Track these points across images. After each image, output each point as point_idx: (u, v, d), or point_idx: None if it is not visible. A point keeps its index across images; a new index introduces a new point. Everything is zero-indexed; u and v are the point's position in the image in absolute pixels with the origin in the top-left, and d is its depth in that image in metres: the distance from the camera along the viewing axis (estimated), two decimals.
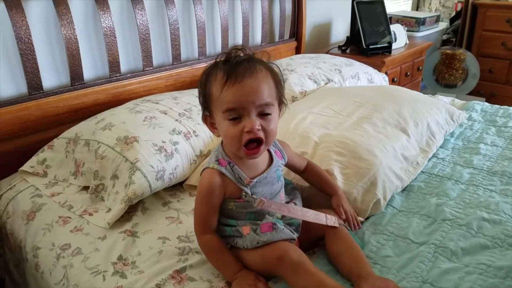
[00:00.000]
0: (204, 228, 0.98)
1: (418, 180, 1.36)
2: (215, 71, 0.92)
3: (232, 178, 0.96)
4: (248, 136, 0.89)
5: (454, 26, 3.97)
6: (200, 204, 0.98)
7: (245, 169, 0.97)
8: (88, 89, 1.59)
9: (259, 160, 1.00)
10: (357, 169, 1.20)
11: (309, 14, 2.63)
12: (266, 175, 1.00)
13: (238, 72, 0.88)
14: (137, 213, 1.19)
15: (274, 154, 1.05)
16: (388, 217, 1.18)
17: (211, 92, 0.92)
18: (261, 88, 0.89)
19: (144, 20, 1.71)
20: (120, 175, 1.19)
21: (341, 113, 1.49)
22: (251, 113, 0.88)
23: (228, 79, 0.88)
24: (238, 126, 0.89)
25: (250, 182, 0.97)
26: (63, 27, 1.47)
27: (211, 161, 0.99)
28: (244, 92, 0.87)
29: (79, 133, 1.34)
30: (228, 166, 0.97)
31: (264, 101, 0.89)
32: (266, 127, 0.90)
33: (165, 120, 1.35)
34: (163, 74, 1.84)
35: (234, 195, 0.98)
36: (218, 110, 0.92)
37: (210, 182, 0.95)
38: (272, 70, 0.95)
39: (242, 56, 0.92)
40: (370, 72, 2.19)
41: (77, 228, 1.14)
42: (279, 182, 1.05)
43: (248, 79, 0.88)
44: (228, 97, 0.88)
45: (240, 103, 0.88)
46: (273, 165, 1.02)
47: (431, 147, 1.47)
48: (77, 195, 1.26)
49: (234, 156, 0.98)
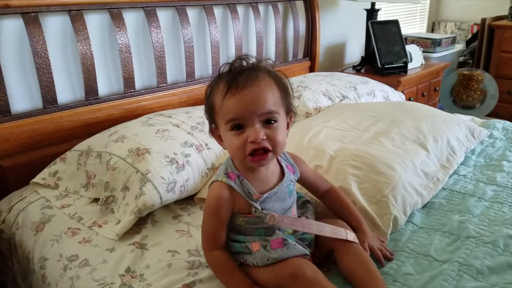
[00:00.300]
0: (213, 244, 0.94)
1: (439, 196, 1.31)
2: (218, 82, 0.90)
3: (241, 193, 0.92)
4: (252, 146, 0.86)
5: (470, 48, 3.94)
6: (208, 218, 0.94)
7: (255, 183, 0.94)
8: (103, 104, 1.60)
9: (270, 175, 0.97)
10: (375, 183, 1.15)
11: (323, 34, 2.63)
12: (277, 190, 0.96)
13: (239, 81, 0.85)
14: (146, 226, 1.16)
15: (286, 169, 1.01)
16: (408, 234, 1.13)
17: (214, 103, 0.90)
18: (262, 96, 0.86)
19: (159, 38, 1.72)
20: (131, 186, 1.17)
21: (357, 128, 1.46)
22: (254, 123, 0.85)
23: (229, 90, 0.86)
24: (242, 137, 0.86)
25: (260, 197, 0.93)
26: (79, 43, 1.49)
27: (220, 174, 0.96)
28: (244, 102, 0.85)
29: (91, 146, 1.33)
30: (238, 179, 0.93)
31: (267, 109, 0.86)
32: (272, 136, 0.87)
33: (177, 132, 1.34)
34: (177, 91, 1.84)
35: (243, 210, 0.94)
36: (221, 121, 0.89)
37: (218, 195, 0.92)
38: (276, 78, 0.91)
39: (245, 66, 0.89)
40: (386, 90, 2.16)
41: (85, 240, 1.11)
42: (290, 198, 1.00)
43: (249, 88, 0.85)
44: (229, 107, 0.86)
45: (241, 113, 0.85)
46: (285, 180, 0.98)
47: (451, 163, 1.42)
48: (87, 207, 1.24)
49: (243, 169, 0.94)
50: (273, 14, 2.24)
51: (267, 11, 2.25)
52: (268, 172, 0.96)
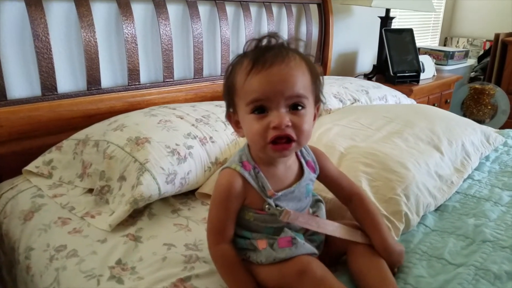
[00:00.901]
0: (220, 236, 0.84)
1: (453, 200, 1.24)
2: (241, 60, 0.80)
3: (255, 186, 0.83)
4: (274, 133, 0.76)
5: (482, 64, 3.88)
6: (216, 208, 0.84)
7: (270, 179, 0.85)
8: (105, 95, 1.54)
9: (288, 171, 0.88)
10: (387, 181, 1.08)
11: (335, 41, 2.57)
12: (293, 189, 0.87)
13: (267, 58, 0.75)
14: (142, 218, 1.08)
15: (306, 166, 0.91)
16: (421, 236, 1.06)
17: (235, 82, 0.80)
18: (292, 76, 0.76)
19: (168, 31, 1.67)
20: (128, 176, 1.10)
21: (369, 127, 1.39)
22: (279, 106, 0.76)
23: (255, 66, 0.76)
24: (264, 121, 0.76)
25: (274, 195, 0.84)
26: (83, 29, 1.44)
27: (233, 161, 0.86)
28: (271, 80, 0.75)
29: (89, 134, 1.27)
30: (253, 171, 0.84)
31: (296, 92, 0.76)
32: (297, 123, 0.77)
33: (180, 124, 1.27)
34: (183, 87, 1.78)
35: (255, 205, 0.85)
36: (242, 102, 0.79)
37: (229, 184, 0.82)
38: (308, 61, 0.81)
39: (274, 44, 0.80)
40: (398, 96, 2.10)
41: (75, 230, 1.04)
42: (307, 198, 0.91)
43: (278, 66, 0.75)
44: (253, 86, 0.76)
45: (266, 93, 0.75)
46: (304, 179, 0.89)
47: (466, 167, 1.34)
48: (81, 197, 1.17)
49: (261, 161, 0.85)
50: (286, 16, 2.19)
51: (280, 12, 2.20)
52: (286, 168, 0.87)
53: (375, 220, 0.92)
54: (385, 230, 0.92)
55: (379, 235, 0.90)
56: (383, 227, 0.92)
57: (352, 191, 0.96)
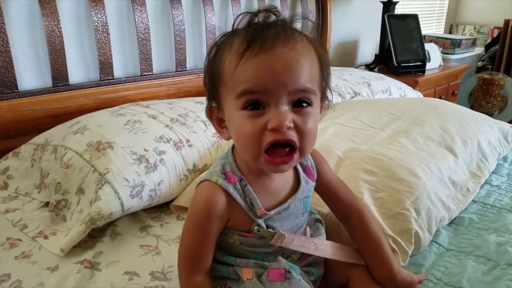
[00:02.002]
0: (193, 266, 0.68)
1: (469, 211, 1.08)
2: (231, 39, 0.62)
3: (241, 203, 0.67)
4: (272, 136, 0.58)
5: (490, 53, 3.70)
6: (192, 231, 0.68)
7: (261, 193, 0.68)
8: (73, 92, 1.37)
9: (282, 183, 0.71)
10: (393, 192, 0.91)
11: (334, 29, 2.40)
12: (288, 205, 0.70)
13: (266, 36, 0.57)
14: (103, 239, 0.92)
15: (303, 175, 0.74)
16: (433, 257, 0.90)
17: (222, 67, 0.61)
18: (299, 64, 0.58)
19: (144, 18, 1.49)
20: (87, 189, 0.94)
21: (372, 126, 1.22)
22: (280, 101, 0.58)
23: (250, 47, 0.57)
24: (259, 121, 0.58)
25: (265, 215, 0.68)
26: (45, 17, 1.26)
27: (214, 171, 0.69)
28: (272, 67, 0.57)
29: (49, 138, 1.10)
30: (239, 184, 0.67)
31: (303, 85, 0.59)
32: (301, 125, 0.59)
33: (152, 125, 1.10)
34: (164, 81, 1.61)
35: (241, 226, 0.69)
36: (230, 95, 0.61)
37: (209, 201, 0.66)
38: (318, 46, 0.64)
39: (274, 20, 0.61)
40: (403, 88, 1.92)
41: (24, 255, 0.87)
42: (304, 215, 0.75)
43: (281, 48, 0.57)
44: (247, 73, 0.57)
45: (264, 83, 0.57)
46: (300, 191, 0.72)
47: (482, 171, 1.18)
48: (37, 213, 1.01)
49: (249, 171, 0.68)
50: (279, 2, 2.00)
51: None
52: (280, 179, 0.71)
53: (377, 245, 0.76)
54: (389, 257, 0.75)
55: (381, 264, 0.74)
56: (388, 256, 0.75)
57: (351, 205, 0.80)
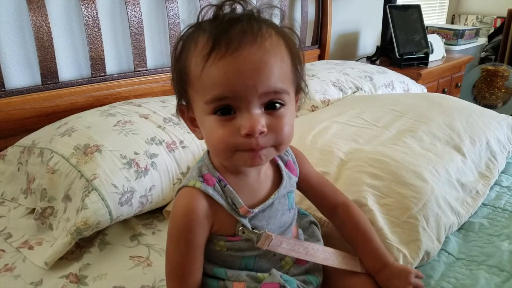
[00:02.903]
0: (183, 283, 0.63)
1: (479, 215, 1.02)
2: (196, 34, 0.58)
3: (223, 204, 0.63)
4: (246, 142, 0.56)
5: (493, 43, 3.62)
6: (175, 243, 0.64)
7: (241, 191, 0.65)
8: (64, 90, 1.31)
9: (262, 179, 0.68)
10: (400, 198, 0.85)
11: (334, 20, 2.33)
12: (272, 201, 0.67)
13: (232, 36, 0.54)
14: (92, 249, 0.87)
15: (284, 169, 0.71)
16: (443, 267, 0.84)
17: (189, 68, 0.58)
18: (269, 64, 0.55)
19: (137, 11, 1.43)
20: (73, 196, 0.88)
21: (375, 124, 1.16)
22: (251, 105, 0.55)
23: (215, 48, 0.54)
24: (230, 125, 0.56)
25: (248, 213, 0.64)
26: (32, 12, 1.20)
27: (191, 176, 0.66)
28: (240, 70, 0.54)
29: (36, 140, 1.05)
30: (218, 185, 0.64)
31: (273, 86, 0.56)
32: (276, 127, 0.57)
33: (143, 125, 1.04)
34: (159, 77, 1.54)
35: (226, 230, 0.65)
36: (199, 98, 0.58)
37: (189, 209, 0.62)
38: (287, 37, 0.60)
39: (240, 13, 0.58)
40: (406, 82, 1.86)
41: (7, 267, 0.82)
42: (290, 211, 0.71)
43: (249, 48, 0.54)
44: (214, 77, 0.54)
45: (233, 88, 0.54)
46: (283, 186, 0.69)
47: (492, 171, 1.12)
48: (23, 220, 0.96)
49: (226, 170, 0.65)
50: None
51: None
52: (259, 175, 0.68)
53: (367, 235, 0.74)
54: (381, 247, 0.74)
55: (372, 254, 0.73)
56: (378, 244, 0.74)
57: (336, 199, 0.78)
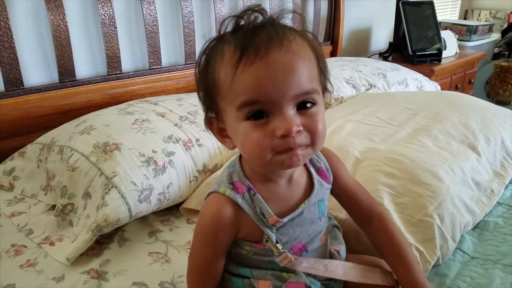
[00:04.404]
0: (203, 281, 0.66)
1: (494, 214, 1.02)
2: (220, 47, 0.58)
3: (251, 214, 0.63)
4: (283, 145, 0.55)
5: (507, 38, 3.58)
6: (200, 243, 0.66)
7: (271, 200, 0.64)
8: (80, 88, 1.33)
9: (294, 186, 0.67)
10: (416, 197, 0.86)
11: (347, 17, 2.32)
12: (301, 210, 0.66)
13: (259, 42, 0.54)
14: (111, 246, 0.89)
15: (316, 176, 0.69)
16: (458, 266, 0.85)
17: (217, 78, 0.58)
18: (298, 65, 0.55)
19: (152, 10, 1.44)
20: (93, 193, 0.90)
21: (390, 122, 1.16)
22: (284, 107, 0.54)
23: (244, 54, 0.54)
24: (265, 129, 0.55)
25: (278, 223, 0.64)
26: (50, 12, 1.22)
27: (222, 182, 0.66)
28: (271, 74, 0.53)
29: (55, 138, 1.06)
30: (247, 194, 0.64)
31: (304, 88, 0.55)
32: (310, 126, 0.56)
33: (160, 124, 1.06)
34: (173, 75, 1.56)
35: (252, 237, 0.65)
36: (230, 106, 0.57)
37: (217, 215, 0.63)
38: (310, 40, 0.59)
39: (262, 20, 0.58)
40: (420, 79, 1.85)
41: (29, 263, 0.84)
42: (321, 219, 0.70)
43: (277, 51, 0.54)
44: (245, 83, 0.54)
45: (264, 93, 0.54)
46: (314, 195, 0.67)
47: (507, 170, 1.12)
48: (43, 217, 0.98)
49: (257, 177, 0.65)
50: None
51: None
52: (290, 183, 0.66)
53: (401, 249, 0.71)
54: (414, 263, 0.71)
55: (407, 269, 0.69)
56: (412, 259, 0.71)
57: (372, 209, 0.75)
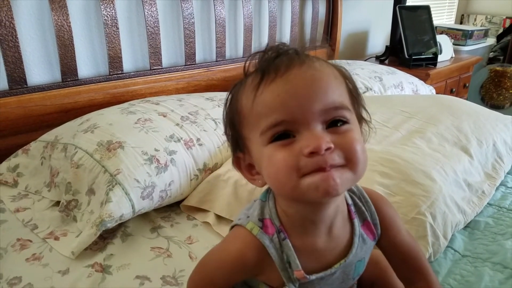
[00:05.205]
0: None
1: (485, 214, 1.05)
2: (244, 81, 0.55)
3: (276, 260, 0.56)
4: (313, 162, 0.47)
5: (502, 43, 3.63)
6: (213, 271, 0.61)
7: (302, 252, 0.57)
8: (82, 87, 1.35)
9: (334, 241, 0.58)
10: (409, 196, 0.89)
11: (344, 20, 2.35)
12: (335, 271, 0.58)
13: (279, 63, 0.51)
14: (114, 240, 0.91)
15: (359, 230, 0.60)
16: (449, 264, 0.88)
17: (240, 107, 0.54)
18: (322, 80, 0.50)
19: (154, 11, 1.47)
20: (97, 190, 0.92)
21: (385, 125, 1.19)
22: (311, 125, 0.49)
23: (265, 75, 0.51)
24: (291, 148, 0.49)
25: (304, 279, 0.57)
26: (54, 12, 1.24)
27: (252, 215, 0.59)
28: (292, 89, 0.49)
29: (59, 136, 1.09)
30: (276, 236, 0.56)
31: (330, 101, 0.50)
32: (344, 143, 0.49)
33: (162, 123, 1.09)
34: (173, 75, 1.59)
35: (272, 283, 0.59)
36: (254, 133, 0.52)
37: (240, 256, 0.57)
38: (338, 67, 0.56)
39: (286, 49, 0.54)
40: (415, 83, 1.89)
41: (35, 257, 0.87)
42: (355, 279, 0.64)
43: (298, 68, 0.50)
44: (266, 102, 0.50)
45: (287, 110, 0.49)
46: (353, 254, 0.59)
47: (498, 172, 1.16)
48: (47, 212, 1.00)
49: (291, 223, 0.57)
50: None
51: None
52: (331, 236, 0.58)
53: None
54: None
55: None
56: None
57: (420, 274, 0.66)
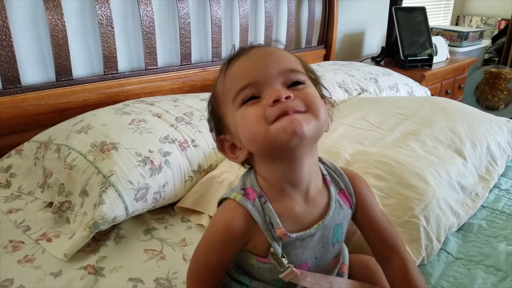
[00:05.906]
0: (202, 281, 0.66)
1: (478, 217, 1.05)
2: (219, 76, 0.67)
3: (260, 222, 0.61)
4: (276, 110, 0.55)
5: (497, 45, 3.65)
6: (206, 250, 0.65)
7: (283, 214, 0.62)
8: (77, 87, 1.35)
9: (312, 206, 0.64)
10: (403, 199, 0.89)
11: (340, 20, 2.35)
12: (314, 232, 0.63)
13: (244, 48, 0.64)
14: (107, 242, 0.91)
15: (335, 197, 0.66)
16: (442, 267, 0.88)
17: (217, 91, 0.65)
18: (278, 51, 0.63)
19: (149, 11, 1.46)
20: (90, 191, 0.92)
21: (380, 127, 1.19)
22: (272, 84, 0.58)
23: (232, 59, 0.63)
24: (259, 104, 0.58)
25: (285, 236, 0.61)
26: (48, 11, 1.24)
27: (235, 189, 0.65)
28: (255, 60, 0.61)
29: (52, 136, 1.08)
30: (258, 200, 0.62)
31: (288, 66, 0.61)
32: (303, 96, 0.58)
33: (157, 124, 1.08)
34: (169, 75, 1.58)
35: (258, 250, 0.63)
36: (228, 105, 0.62)
37: (228, 225, 0.61)
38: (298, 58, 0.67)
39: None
40: (410, 84, 1.89)
41: (27, 259, 0.86)
42: (334, 245, 0.67)
43: (259, 47, 0.64)
44: (234, 75, 0.61)
45: (251, 76, 0.59)
46: (330, 216, 0.64)
47: (491, 174, 1.16)
48: (40, 213, 0.99)
49: (271, 189, 0.62)
50: None
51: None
52: (307, 200, 0.64)
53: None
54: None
55: None
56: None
57: (396, 249, 0.69)
